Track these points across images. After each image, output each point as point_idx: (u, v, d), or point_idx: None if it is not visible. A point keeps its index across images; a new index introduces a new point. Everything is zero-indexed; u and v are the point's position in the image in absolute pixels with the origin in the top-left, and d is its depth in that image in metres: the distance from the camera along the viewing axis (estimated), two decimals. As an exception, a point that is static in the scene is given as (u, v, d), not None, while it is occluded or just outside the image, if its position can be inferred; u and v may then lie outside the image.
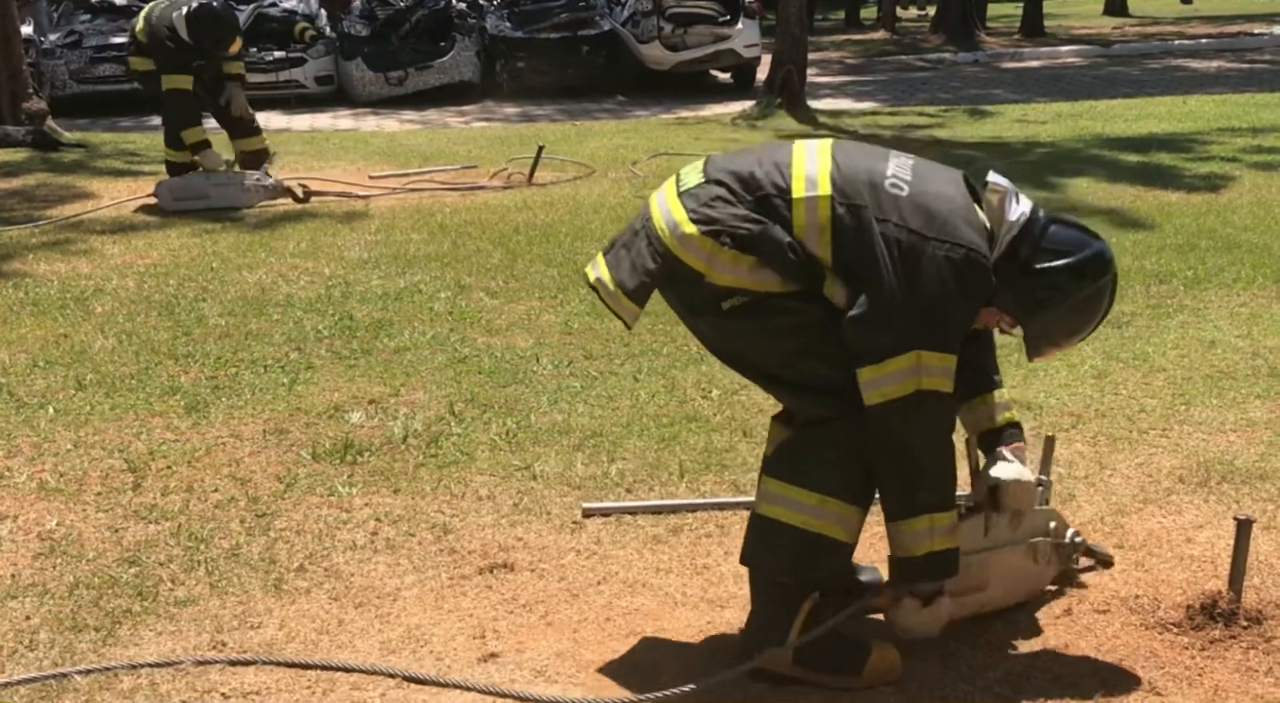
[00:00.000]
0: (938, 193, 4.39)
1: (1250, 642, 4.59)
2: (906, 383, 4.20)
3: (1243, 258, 10.17)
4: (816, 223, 4.30)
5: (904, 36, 39.46)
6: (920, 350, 4.19)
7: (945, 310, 4.25)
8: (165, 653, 4.67)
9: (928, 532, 4.34)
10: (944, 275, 4.22)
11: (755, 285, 4.31)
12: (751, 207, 4.33)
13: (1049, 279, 4.33)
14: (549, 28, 25.27)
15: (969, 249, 4.26)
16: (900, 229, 4.26)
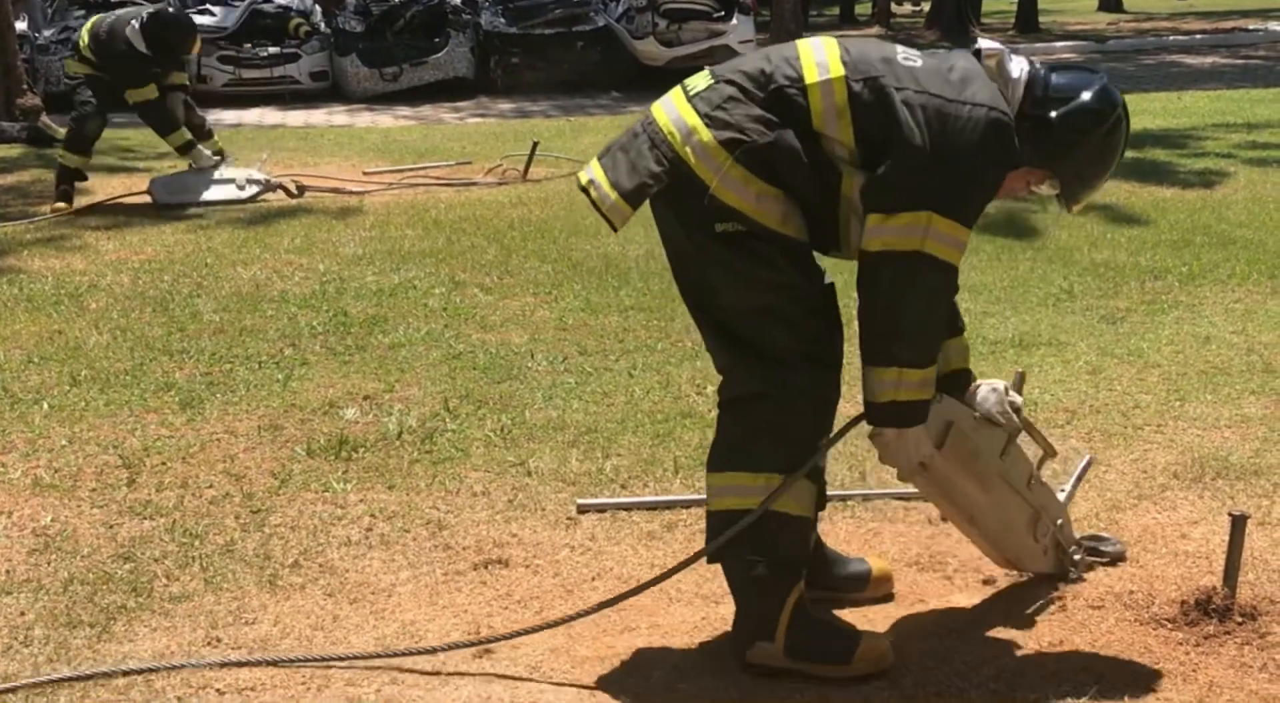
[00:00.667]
0: (952, 63, 4.42)
1: (1245, 638, 4.59)
2: (910, 239, 4.18)
3: (1237, 254, 10.17)
4: (834, 105, 4.28)
5: (898, 32, 39.41)
6: (934, 212, 4.18)
7: (969, 172, 4.25)
8: (160, 649, 4.67)
9: (894, 382, 4.31)
10: (969, 135, 4.23)
11: (757, 214, 4.27)
12: (765, 104, 4.29)
13: (1069, 123, 4.39)
14: (543, 23, 25.27)
15: (991, 108, 4.27)
16: (921, 94, 4.26)
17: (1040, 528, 4.93)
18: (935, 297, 4.33)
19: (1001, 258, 10.23)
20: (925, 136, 4.20)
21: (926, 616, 4.84)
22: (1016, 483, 4.87)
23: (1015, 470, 4.87)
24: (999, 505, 4.84)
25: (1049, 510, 4.95)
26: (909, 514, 5.66)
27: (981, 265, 9.98)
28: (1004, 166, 4.35)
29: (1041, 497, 4.95)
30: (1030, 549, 4.97)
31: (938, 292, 4.33)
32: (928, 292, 4.27)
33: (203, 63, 23.86)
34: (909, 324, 4.29)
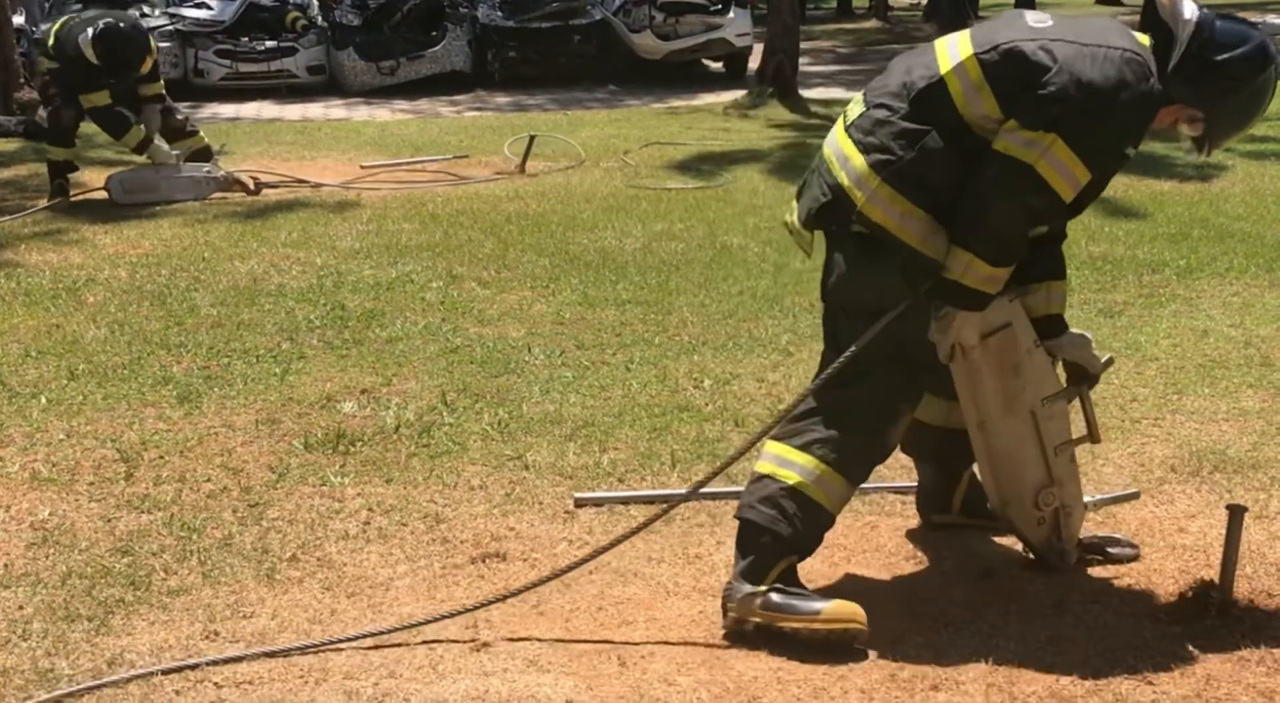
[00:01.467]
0: (1086, 19, 4.69)
1: (1243, 631, 4.59)
2: (1027, 152, 4.39)
3: (1235, 247, 10.18)
4: (971, 84, 4.52)
5: (896, 25, 39.41)
6: (1058, 136, 4.37)
7: (1100, 108, 4.41)
8: (158, 643, 4.67)
9: (964, 265, 4.50)
10: (1105, 73, 4.41)
11: (900, 231, 4.53)
12: (909, 114, 4.55)
13: (1229, 70, 4.51)
14: (540, 17, 25.21)
15: (1127, 50, 4.46)
16: (1055, 41, 4.48)
17: (1045, 497, 4.92)
18: (1027, 213, 4.50)
19: (999, 251, 10.22)
20: (1062, 70, 4.39)
21: (923, 609, 4.84)
22: (1046, 437, 4.89)
23: (1050, 425, 4.90)
24: (1015, 439, 4.87)
25: (1065, 488, 4.95)
26: (906, 508, 5.66)
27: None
28: (1138, 110, 4.48)
29: (1063, 470, 4.95)
30: (1026, 511, 4.96)
31: (1031, 210, 4.49)
32: (1022, 206, 4.46)
33: (200, 57, 23.86)
34: (993, 225, 4.48)
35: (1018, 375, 4.77)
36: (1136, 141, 4.60)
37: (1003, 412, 4.81)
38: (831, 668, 4.44)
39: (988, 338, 4.71)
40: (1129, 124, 4.50)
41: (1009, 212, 4.46)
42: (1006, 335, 4.73)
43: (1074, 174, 4.42)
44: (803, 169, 12.81)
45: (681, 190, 13.30)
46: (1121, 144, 4.55)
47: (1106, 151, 4.51)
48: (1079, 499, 5.03)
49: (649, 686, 4.38)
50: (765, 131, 17.98)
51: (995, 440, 4.87)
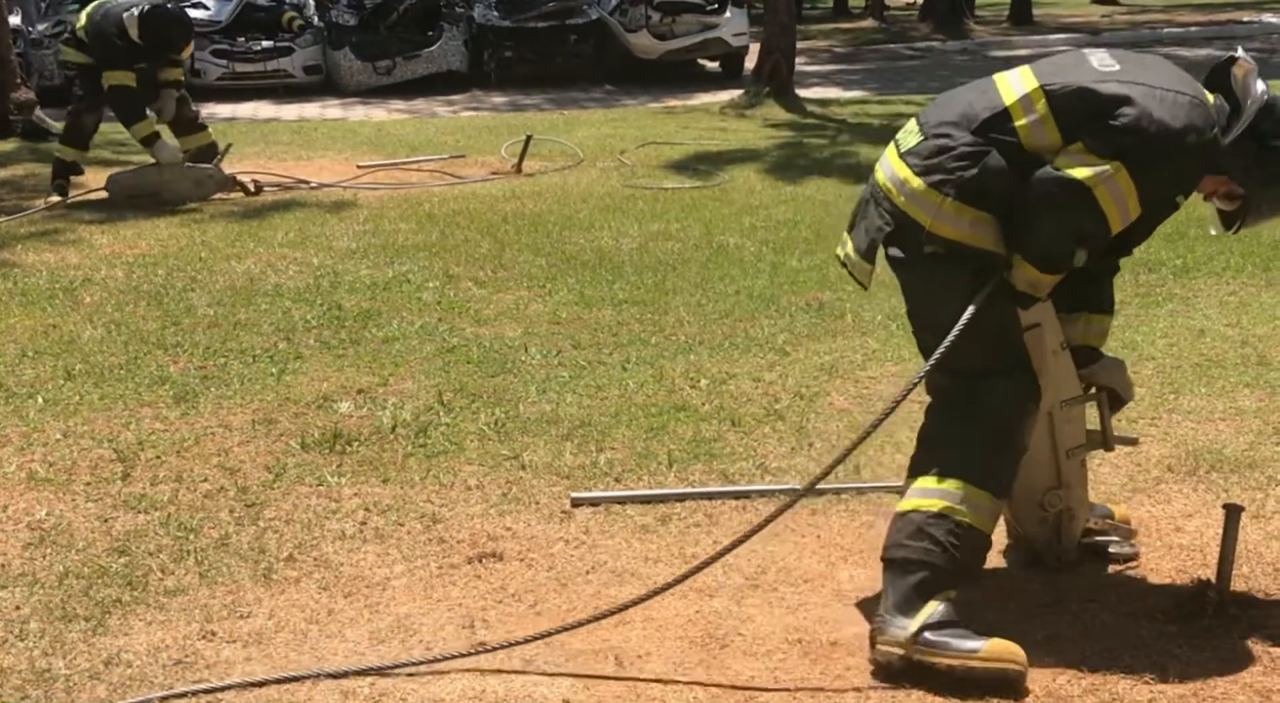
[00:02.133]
0: (1152, 63, 4.66)
1: (1240, 631, 4.59)
2: (1090, 176, 4.38)
3: (1232, 246, 10.16)
4: (1036, 115, 4.52)
5: (892, 25, 39.38)
6: (1122, 164, 4.37)
7: (1165, 146, 4.40)
8: (155, 643, 4.67)
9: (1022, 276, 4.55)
10: (1171, 113, 4.42)
11: (972, 239, 4.56)
12: (970, 143, 4.56)
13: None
14: (537, 16, 25.21)
15: (1195, 97, 4.48)
16: (1125, 83, 4.49)
17: (1051, 498, 4.92)
18: (1076, 234, 4.48)
19: (995, 251, 10.23)
20: (1141, 115, 4.39)
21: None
22: (1060, 440, 4.89)
23: (1066, 428, 4.90)
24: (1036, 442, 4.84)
25: (1072, 491, 4.95)
26: (903, 507, 5.65)
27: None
28: (1199, 154, 4.48)
29: (1073, 474, 4.95)
30: (1030, 510, 4.97)
31: (1081, 231, 4.48)
32: (1073, 225, 4.46)
33: (196, 57, 23.80)
34: (1040, 236, 4.49)
35: (1041, 376, 4.77)
36: (1188, 190, 4.62)
37: None
38: (827, 668, 4.44)
39: None
40: (1187, 169, 4.51)
41: (1058, 228, 4.46)
42: (1034, 335, 4.72)
43: (1128, 205, 4.43)
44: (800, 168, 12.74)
45: (678, 190, 13.30)
46: (1176, 187, 4.55)
47: (1161, 191, 4.50)
48: (1084, 504, 5.04)
49: (645, 686, 4.37)
50: (762, 131, 17.98)
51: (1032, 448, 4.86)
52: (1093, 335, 5.01)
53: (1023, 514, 5.00)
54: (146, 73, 13.18)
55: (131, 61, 12.95)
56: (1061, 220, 4.44)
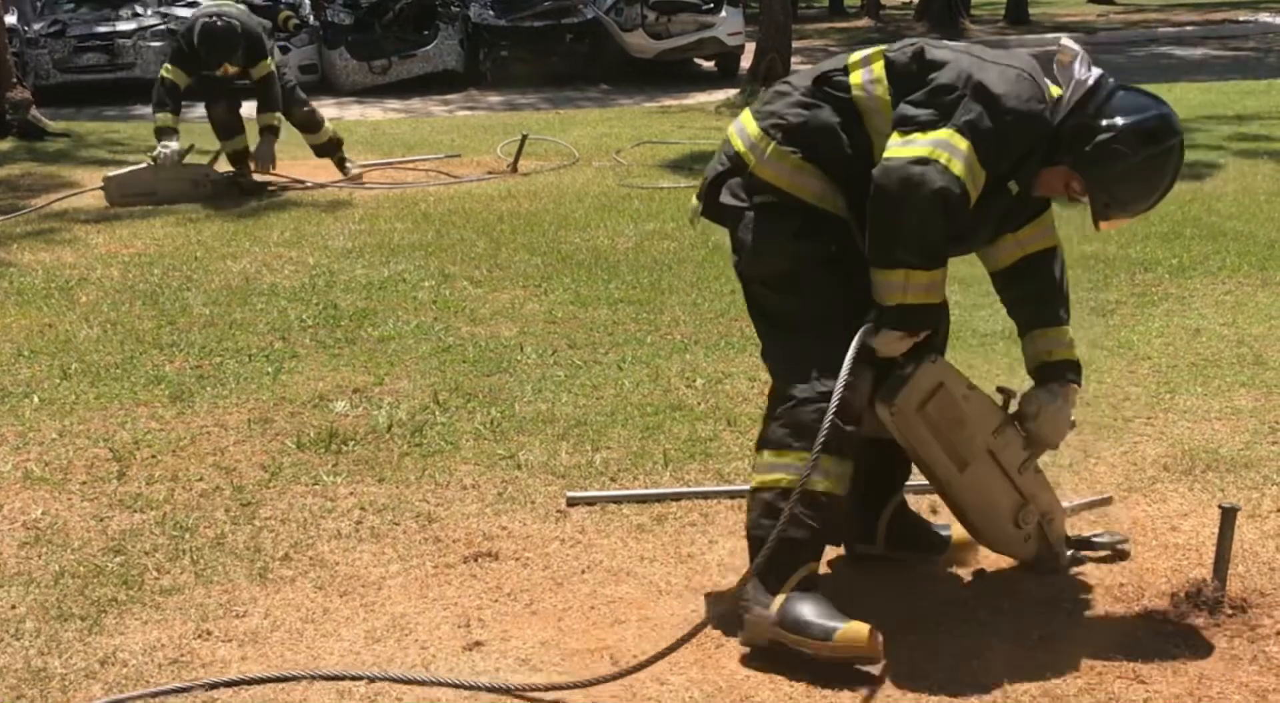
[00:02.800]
0: (1004, 53, 4.73)
1: (1235, 630, 4.60)
2: (930, 150, 4.39)
3: (1227, 246, 10.19)
4: (872, 74, 4.64)
5: (888, 24, 39.39)
6: (958, 132, 4.40)
7: (995, 112, 4.44)
8: (151, 642, 4.67)
9: (901, 284, 4.49)
10: (1003, 80, 4.48)
11: (792, 188, 4.62)
12: (808, 92, 4.69)
13: (1110, 135, 4.48)
14: (532, 16, 25.21)
15: (1023, 70, 4.54)
16: (957, 52, 4.60)
17: (1024, 515, 4.93)
18: (944, 206, 4.41)
19: (991, 250, 10.24)
20: (960, 74, 4.48)
21: (915, 608, 4.84)
22: (1007, 464, 4.87)
23: (1008, 452, 4.87)
24: (981, 480, 4.85)
25: (1038, 500, 4.94)
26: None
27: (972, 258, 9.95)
28: (1029, 122, 4.50)
29: (1033, 485, 4.93)
30: (1010, 535, 4.96)
31: (947, 202, 4.41)
32: (934, 195, 4.38)
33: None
34: (912, 221, 4.43)
35: (964, 427, 4.77)
36: (1017, 169, 4.58)
37: (961, 466, 4.82)
38: (821, 668, 4.43)
39: (925, 406, 4.69)
40: (1015, 136, 4.49)
41: (924, 207, 4.39)
42: (942, 396, 4.72)
43: (972, 160, 4.41)
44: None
45: (674, 189, 13.29)
46: (1003, 159, 4.51)
47: (997, 159, 4.47)
48: (1056, 504, 5.03)
49: (641, 685, 4.37)
50: (758, 130, 17.95)
51: (964, 495, 4.88)
52: (1043, 352, 4.98)
53: (1004, 544, 5.01)
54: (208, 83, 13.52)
55: (186, 64, 13.17)
56: (921, 199, 4.37)
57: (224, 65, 13.14)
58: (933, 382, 4.69)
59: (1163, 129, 4.52)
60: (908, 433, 4.72)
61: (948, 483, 4.85)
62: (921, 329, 4.59)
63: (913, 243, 4.46)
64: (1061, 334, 5.00)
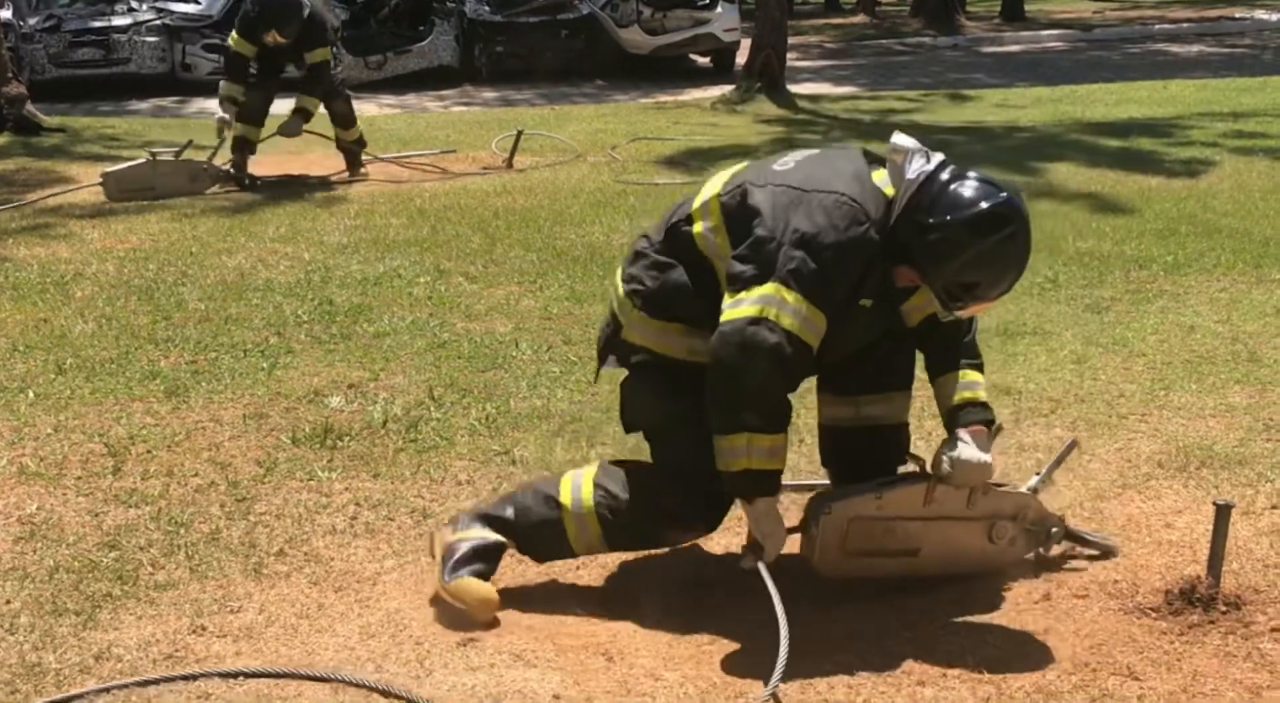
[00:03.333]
0: (825, 161, 4.74)
1: (1229, 627, 4.61)
2: (759, 308, 4.42)
3: (1222, 243, 10.20)
4: (710, 223, 4.72)
5: (884, 21, 39.38)
6: (782, 285, 4.41)
7: (815, 251, 4.43)
8: (145, 637, 4.67)
9: (744, 449, 4.53)
10: (817, 217, 4.47)
11: (660, 347, 4.82)
12: (662, 247, 4.84)
13: (944, 233, 4.46)
14: (528, 11, 25.19)
15: (841, 195, 4.50)
16: (780, 188, 4.59)
17: (996, 532, 4.94)
18: (781, 364, 4.44)
19: (986, 247, 10.25)
20: (776, 218, 4.50)
21: (910, 604, 4.84)
22: (954, 512, 4.88)
23: (948, 506, 4.87)
24: (938, 544, 4.90)
25: (1002, 511, 4.95)
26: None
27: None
28: (847, 254, 4.48)
29: (988, 505, 4.93)
30: (993, 553, 4.99)
31: (783, 360, 4.44)
32: (769, 353, 4.42)
33: (187, 51, 23.80)
34: (752, 384, 4.47)
35: (894, 531, 4.85)
36: (862, 289, 4.58)
37: (913, 553, 4.90)
38: (816, 663, 4.44)
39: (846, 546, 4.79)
40: (840, 269, 4.48)
41: (764, 369, 4.43)
42: (856, 527, 4.80)
43: (806, 315, 4.43)
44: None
45: (669, 185, 13.29)
46: (839, 289, 4.51)
47: (830, 289, 4.48)
48: (1021, 498, 5.02)
49: (636, 681, 4.38)
50: (753, 127, 18.00)
51: (931, 565, 4.95)
52: (959, 393, 4.92)
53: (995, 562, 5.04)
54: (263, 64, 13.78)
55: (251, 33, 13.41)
56: (760, 362, 4.41)
57: (272, 32, 13.26)
58: (839, 526, 4.78)
59: (994, 219, 4.48)
60: (848, 572, 4.84)
61: (911, 569, 4.91)
62: (763, 496, 4.62)
63: (754, 406, 4.51)
64: (962, 377, 4.94)
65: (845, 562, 4.81)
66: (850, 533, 4.77)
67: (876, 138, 15.70)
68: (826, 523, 4.75)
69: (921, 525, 4.84)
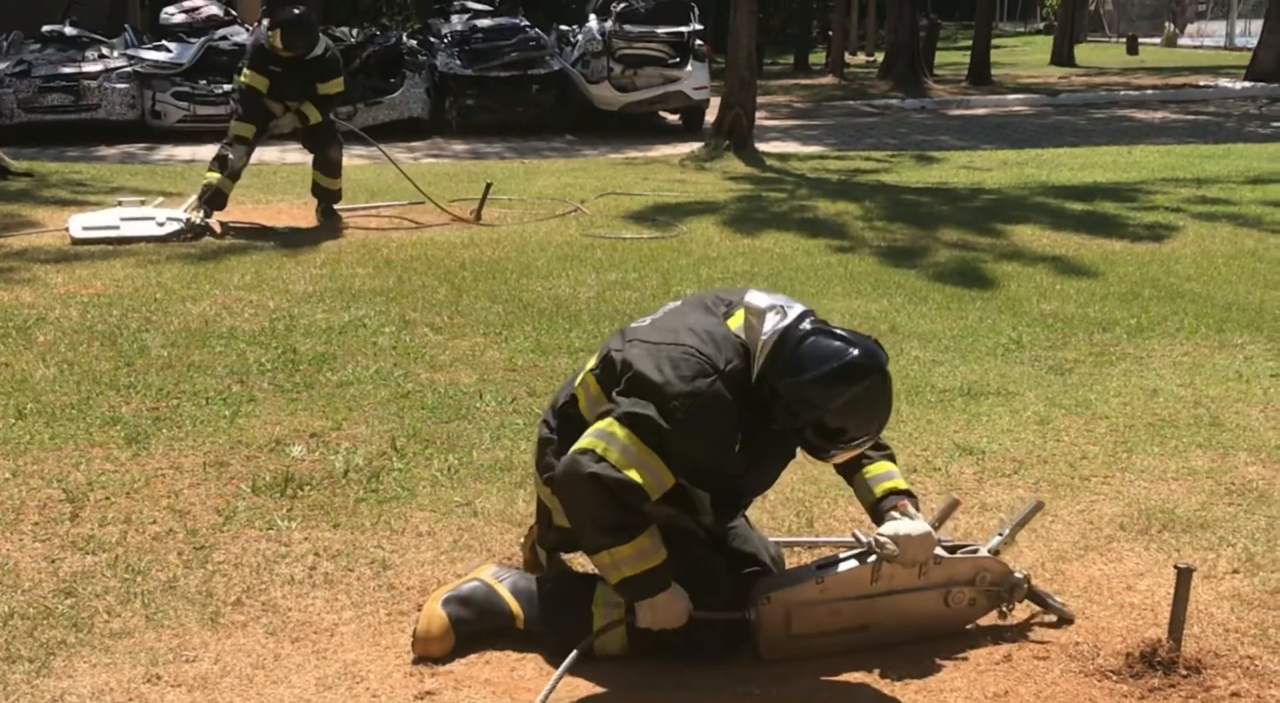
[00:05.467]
0: (679, 314, 4.85)
1: (1189, 691, 4.60)
2: (589, 441, 4.57)
3: (1185, 307, 10.24)
4: (592, 394, 4.89)
5: (852, 82, 39.64)
6: (616, 421, 4.54)
7: (654, 397, 4.53)
8: (99, 686, 4.63)
9: (612, 564, 4.65)
10: (663, 367, 4.57)
11: None
12: (560, 430, 4.95)
13: (796, 393, 4.53)
14: (499, 66, 25.24)
15: (686, 347, 4.61)
16: (633, 343, 4.73)
17: (952, 598, 4.95)
18: (603, 492, 4.52)
19: (951, 307, 10.28)
20: (625, 369, 4.65)
21: (870, 662, 4.83)
22: (905, 585, 4.91)
23: (899, 577, 4.89)
24: (892, 617, 4.92)
25: (958, 577, 4.97)
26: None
27: (931, 314, 10.03)
28: (697, 401, 4.53)
29: (942, 573, 4.96)
30: (949, 617, 5.01)
31: (605, 488, 4.50)
32: (587, 481, 4.52)
33: (157, 98, 23.79)
34: (587, 511, 4.61)
35: (840, 612, 4.89)
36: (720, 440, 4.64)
37: (864, 630, 4.93)
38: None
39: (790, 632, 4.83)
40: (684, 418, 4.53)
41: (597, 499, 4.52)
42: (799, 614, 4.85)
43: (640, 455, 4.50)
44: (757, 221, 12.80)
45: (636, 240, 13.32)
46: (694, 439, 4.56)
47: (669, 442, 4.54)
48: (981, 564, 5.03)
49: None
50: (721, 184, 18.04)
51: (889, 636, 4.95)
52: (877, 486, 5.01)
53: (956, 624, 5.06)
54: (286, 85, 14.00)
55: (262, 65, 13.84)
56: (593, 492, 4.52)
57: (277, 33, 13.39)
58: (779, 614, 4.82)
59: (847, 374, 4.51)
60: (798, 654, 4.85)
61: (865, 642, 4.93)
62: (655, 593, 4.68)
63: (593, 528, 4.64)
64: (879, 469, 5.04)
65: (792, 644, 4.83)
66: (793, 620, 4.82)
67: (844, 198, 15.79)
68: (765, 612, 4.80)
69: (869, 603, 4.88)
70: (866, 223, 14.39)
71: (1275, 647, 4.92)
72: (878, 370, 4.54)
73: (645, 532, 4.61)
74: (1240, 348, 9.11)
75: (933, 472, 6.70)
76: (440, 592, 5.01)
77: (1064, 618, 5.16)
